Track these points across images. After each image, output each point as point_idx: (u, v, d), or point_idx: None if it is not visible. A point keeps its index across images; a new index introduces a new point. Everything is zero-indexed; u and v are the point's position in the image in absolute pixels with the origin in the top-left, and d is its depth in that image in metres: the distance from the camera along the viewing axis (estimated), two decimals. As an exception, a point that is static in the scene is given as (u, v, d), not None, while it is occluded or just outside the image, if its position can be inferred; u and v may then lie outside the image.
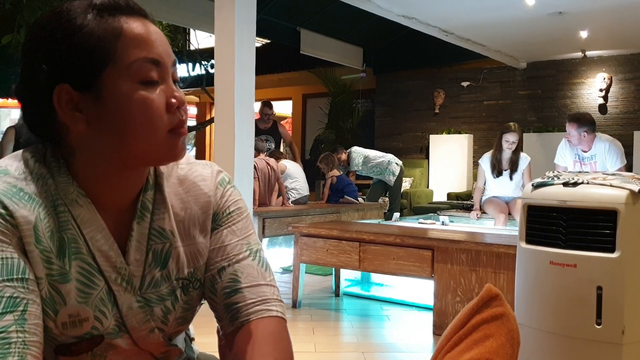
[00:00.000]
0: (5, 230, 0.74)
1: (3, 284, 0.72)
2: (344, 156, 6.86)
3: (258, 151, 5.48)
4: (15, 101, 0.86)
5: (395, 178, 6.97)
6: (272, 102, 6.24)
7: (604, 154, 4.49)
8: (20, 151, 0.83)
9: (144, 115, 0.77)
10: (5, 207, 0.75)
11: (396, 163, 7.02)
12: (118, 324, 0.82)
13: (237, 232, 0.90)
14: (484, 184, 5.13)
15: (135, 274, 0.83)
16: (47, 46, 0.76)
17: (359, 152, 6.94)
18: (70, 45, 0.75)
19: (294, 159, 6.73)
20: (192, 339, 1.06)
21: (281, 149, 7.01)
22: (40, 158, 0.81)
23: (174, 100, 0.79)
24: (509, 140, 4.90)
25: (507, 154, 4.97)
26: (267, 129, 6.73)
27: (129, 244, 0.83)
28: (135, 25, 0.78)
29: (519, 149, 4.99)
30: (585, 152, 4.56)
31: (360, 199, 6.83)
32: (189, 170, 0.91)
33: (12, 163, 0.80)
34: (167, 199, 0.87)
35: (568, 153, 4.70)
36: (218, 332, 0.94)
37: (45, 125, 0.80)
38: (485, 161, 5.08)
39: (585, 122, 4.47)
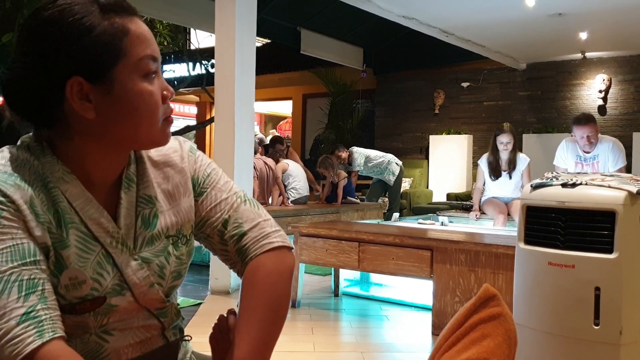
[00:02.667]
0: (10, 216, 0.81)
1: (20, 268, 0.80)
2: (344, 154, 6.86)
3: (255, 151, 5.49)
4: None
5: (395, 178, 6.98)
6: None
7: (607, 153, 4.49)
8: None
9: (147, 106, 0.88)
10: (4, 195, 0.81)
11: (396, 163, 7.03)
12: (120, 282, 0.90)
13: (222, 188, 1.03)
14: (483, 184, 5.13)
15: (128, 236, 0.93)
16: (58, 42, 0.83)
17: (360, 152, 6.94)
18: (85, 43, 0.83)
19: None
20: (185, 337, 1.08)
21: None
22: (23, 146, 0.89)
23: (166, 93, 0.90)
24: (503, 142, 4.90)
25: (504, 155, 4.96)
26: None
27: (119, 211, 0.93)
28: (137, 25, 0.87)
29: (516, 149, 4.99)
30: (588, 152, 4.56)
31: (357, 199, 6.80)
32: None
33: None
34: (148, 171, 0.98)
35: (569, 154, 4.69)
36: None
37: (47, 111, 0.87)
38: (485, 162, 5.08)
39: (594, 118, 4.56)
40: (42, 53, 0.83)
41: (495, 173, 5.00)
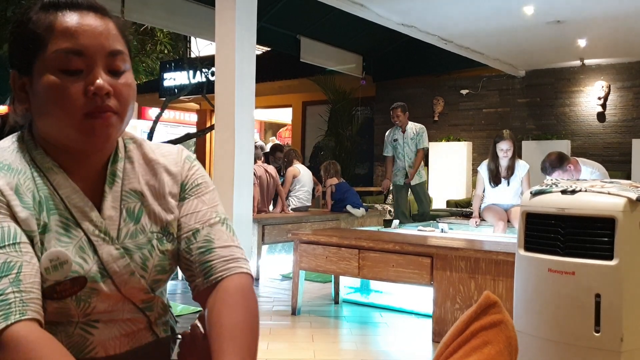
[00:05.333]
0: None
1: None
2: (400, 115, 6.58)
3: (258, 157, 5.50)
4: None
5: (420, 180, 6.72)
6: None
7: (589, 177, 4.56)
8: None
9: (55, 99, 0.86)
10: None
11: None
12: (100, 269, 0.90)
13: (206, 201, 1.01)
14: (483, 191, 5.14)
15: (111, 227, 0.93)
16: (10, 36, 0.90)
17: (423, 128, 6.79)
18: (18, 35, 0.89)
19: None
20: (176, 320, 1.11)
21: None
22: (19, 138, 0.93)
23: (91, 87, 0.86)
24: (503, 149, 4.91)
25: (504, 162, 4.97)
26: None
27: (103, 203, 0.93)
28: (69, 18, 0.87)
29: (515, 155, 5.00)
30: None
31: (360, 209, 6.45)
32: (156, 147, 1.04)
33: None
34: (137, 169, 0.98)
35: None
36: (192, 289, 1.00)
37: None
38: (484, 169, 5.09)
39: (563, 158, 4.53)
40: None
41: (495, 180, 5.01)
